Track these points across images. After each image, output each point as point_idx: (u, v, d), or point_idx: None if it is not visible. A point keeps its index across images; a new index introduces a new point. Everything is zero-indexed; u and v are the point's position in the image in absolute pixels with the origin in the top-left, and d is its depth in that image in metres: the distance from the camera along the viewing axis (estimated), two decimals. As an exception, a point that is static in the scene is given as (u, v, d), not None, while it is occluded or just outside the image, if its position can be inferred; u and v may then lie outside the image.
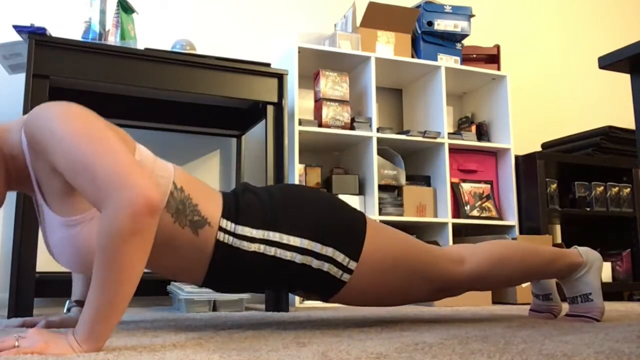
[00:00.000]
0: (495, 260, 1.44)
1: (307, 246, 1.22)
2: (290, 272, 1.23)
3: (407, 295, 1.39)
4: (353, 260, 1.26)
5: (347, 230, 1.27)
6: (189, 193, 1.17)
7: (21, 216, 1.74)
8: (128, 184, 0.91)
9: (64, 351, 0.89)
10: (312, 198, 1.31)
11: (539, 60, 3.60)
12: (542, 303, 1.69)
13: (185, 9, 2.78)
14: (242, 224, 1.20)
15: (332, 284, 1.27)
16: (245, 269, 1.22)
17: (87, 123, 0.98)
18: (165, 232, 1.13)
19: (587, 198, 2.97)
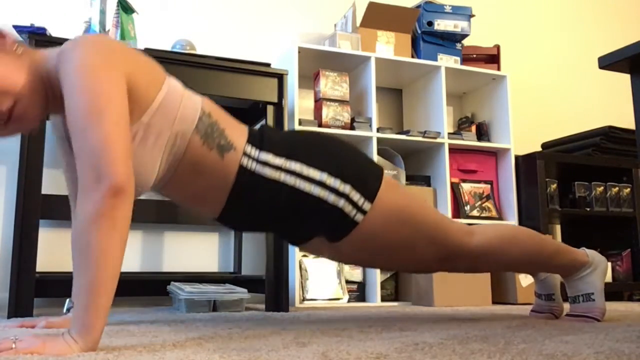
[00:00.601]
0: (505, 239, 1.46)
1: (325, 180, 1.24)
2: (306, 206, 1.25)
3: (411, 257, 1.39)
4: (368, 202, 1.27)
5: (365, 172, 1.30)
6: (216, 119, 1.22)
7: (21, 216, 1.74)
8: (102, 163, 0.96)
9: (61, 350, 0.89)
10: (334, 140, 1.35)
11: (539, 60, 3.60)
12: (544, 303, 1.69)
13: (185, 9, 2.78)
14: (266, 150, 1.24)
15: (344, 223, 1.28)
16: (264, 198, 1.24)
17: (98, 83, 1.01)
18: (194, 155, 1.18)
19: (587, 198, 2.97)
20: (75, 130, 0.99)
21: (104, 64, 1.04)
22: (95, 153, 0.96)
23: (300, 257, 2.49)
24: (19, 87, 1.07)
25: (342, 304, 2.48)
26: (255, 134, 1.27)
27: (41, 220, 1.80)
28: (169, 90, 1.16)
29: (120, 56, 1.08)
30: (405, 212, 1.33)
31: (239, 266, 2.56)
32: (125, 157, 0.99)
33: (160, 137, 1.14)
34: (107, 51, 1.07)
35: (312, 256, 2.52)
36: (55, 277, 2.09)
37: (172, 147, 1.16)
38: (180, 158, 1.18)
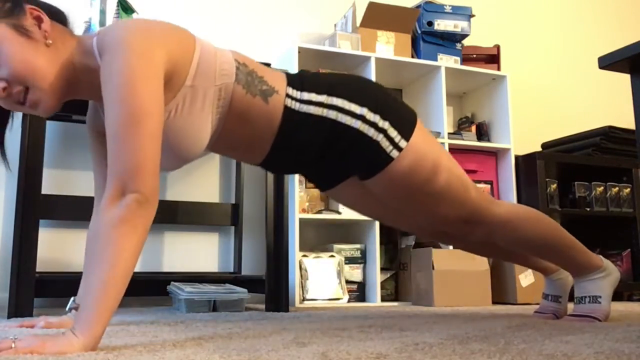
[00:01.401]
0: (526, 216, 1.49)
1: (366, 114, 1.29)
2: (347, 139, 1.30)
3: (435, 210, 1.42)
4: (404, 139, 1.32)
5: (401, 112, 1.35)
6: (252, 68, 1.27)
7: (21, 216, 1.74)
8: (133, 173, 1.00)
9: (62, 349, 0.89)
10: (372, 82, 1.42)
11: (539, 60, 3.60)
12: (549, 304, 1.69)
13: (185, 9, 2.78)
14: (307, 90, 1.30)
15: (380, 158, 1.32)
16: (308, 135, 1.30)
17: (139, 90, 1.04)
18: (240, 104, 1.24)
19: (587, 198, 2.97)
20: (112, 136, 1.03)
21: (145, 67, 1.07)
22: (128, 163, 1.00)
23: (301, 257, 2.49)
24: (35, 76, 1.10)
25: (342, 304, 2.48)
26: (294, 77, 1.33)
27: (41, 220, 1.80)
28: (202, 49, 1.21)
29: (159, 43, 1.11)
30: (435, 159, 1.36)
31: (239, 266, 2.56)
32: (155, 171, 1.03)
33: (206, 95, 1.20)
34: (148, 46, 1.09)
35: (312, 256, 2.52)
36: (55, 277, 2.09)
37: (219, 102, 1.22)
38: (227, 111, 1.24)
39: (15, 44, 1.09)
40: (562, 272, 1.69)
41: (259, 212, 2.68)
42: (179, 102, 1.17)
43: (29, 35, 1.10)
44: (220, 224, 2.60)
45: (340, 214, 2.58)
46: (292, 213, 2.45)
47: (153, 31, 1.13)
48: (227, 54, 1.25)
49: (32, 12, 1.12)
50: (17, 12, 1.11)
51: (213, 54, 1.22)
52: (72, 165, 2.43)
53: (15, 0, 1.12)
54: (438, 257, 2.44)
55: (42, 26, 1.12)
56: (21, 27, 1.10)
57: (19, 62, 1.09)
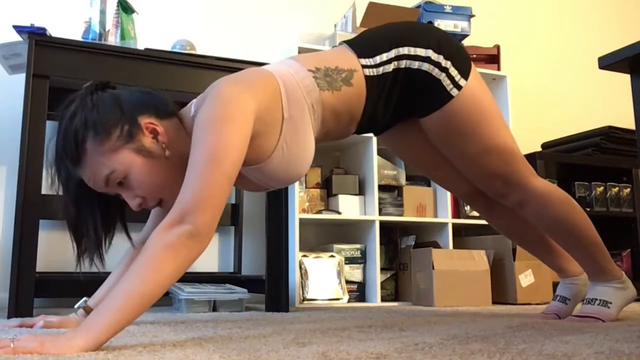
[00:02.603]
0: (564, 198, 1.52)
1: (431, 55, 1.38)
2: (417, 81, 1.38)
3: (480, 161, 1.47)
4: (463, 79, 1.40)
5: (461, 54, 1.43)
6: (324, 65, 1.34)
7: (21, 216, 1.74)
8: (199, 210, 1.03)
9: (61, 350, 0.88)
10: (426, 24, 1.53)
11: (539, 60, 3.60)
12: (555, 304, 1.69)
13: (185, 9, 2.78)
14: (378, 53, 1.38)
15: (442, 95, 1.40)
16: (389, 90, 1.39)
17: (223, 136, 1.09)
18: (332, 104, 1.33)
19: (587, 198, 2.97)
20: (190, 168, 1.07)
21: (232, 111, 1.13)
22: (195, 195, 1.04)
23: (301, 257, 2.49)
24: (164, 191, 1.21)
25: (342, 304, 2.48)
26: (359, 45, 1.40)
27: (41, 220, 1.80)
28: (283, 81, 1.28)
29: (248, 91, 1.19)
30: (488, 106, 1.44)
31: (239, 266, 2.56)
32: (217, 211, 1.06)
33: (304, 117, 1.29)
34: (236, 93, 1.16)
35: (312, 256, 2.52)
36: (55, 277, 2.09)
37: (314, 115, 1.31)
38: (321, 115, 1.33)
39: (142, 168, 1.17)
40: (579, 279, 1.68)
41: (259, 212, 2.68)
42: (286, 137, 1.27)
43: (151, 155, 1.18)
44: (220, 224, 2.59)
45: (340, 214, 2.58)
46: (292, 213, 2.45)
47: (242, 82, 1.22)
48: (299, 69, 1.32)
49: (148, 127, 1.19)
50: (136, 133, 1.16)
51: (291, 78, 1.30)
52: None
53: (131, 120, 1.16)
54: (438, 257, 2.44)
55: (159, 138, 1.20)
56: (143, 149, 1.17)
57: (150, 185, 1.19)
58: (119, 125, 1.15)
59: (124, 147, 1.15)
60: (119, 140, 1.14)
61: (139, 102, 1.21)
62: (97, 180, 1.17)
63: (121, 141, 1.15)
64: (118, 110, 1.16)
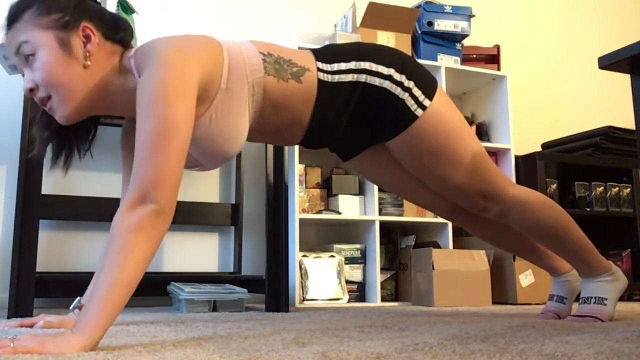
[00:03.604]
0: (542, 203, 1.51)
1: (393, 74, 1.36)
2: (377, 99, 1.37)
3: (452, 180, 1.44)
4: (428, 99, 1.38)
5: (425, 74, 1.42)
6: (278, 54, 1.32)
7: (21, 216, 1.74)
8: (157, 188, 1.03)
9: (61, 349, 0.88)
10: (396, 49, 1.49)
11: (539, 60, 3.60)
12: (553, 304, 1.69)
13: (185, 9, 2.78)
14: (337, 61, 1.36)
15: (405, 116, 1.38)
16: (343, 102, 1.36)
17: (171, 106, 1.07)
18: (274, 93, 1.29)
19: (587, 198, 2.97)
20: (141, 145, 1.06)
21: (179, 82, 1.11)
22: (152, 172, 1.03)
23: (301, 257, 2.49)
24: (58, 90, 1.17)
25: (342, 304, 2.48)
26: (321, 51, 1.39)
27: (41, 220, 1.80)
28: (229, 52, 1.25)
29: (193, 59, 1.16)
30: (456, 122, 1.42)
31: (239, 266, 2.56)
32: (176, 186, 1.06)
33: (241, 94, 1.25)
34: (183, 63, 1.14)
35: (312, 256, 2.52)
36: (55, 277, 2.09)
37: (253, 97, 1.27)
38: (261, 102, 1.29)
39: (52, 55, 1.16)
40: (571, 276, 1.68)
41: (259, 212, 2.68)
42: (217, 107, 1.23)
43: (70, 52, 1.17)
44: (220, 224, 2.60)
45: (340, 214, 2.58)
46: (292, 213, 2.45)
47: (187, 48, 1.18)
48: (250, 48, 1.29)
49: (84, 30, 1.19)
50: (70, 28, 1.17)
51: (239, 53, 1.26)
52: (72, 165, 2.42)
53: (75, 16, 1.18)
54: (438, 257, 2.44)
55: (87, 46, 1.18)
56: (66, 42, 1.17)
57: (49, 73, 1.16)
58: (62, 12, 1.17)
59: (51, 30, 1.16)
60: (53, 23, 1.16)
61: (95, 12, 1.22)
62: (11, 45, 1.18)
63: (54, 24, 1.17)
64: (72, 4, 1.19)
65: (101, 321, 0.93)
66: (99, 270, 0.99)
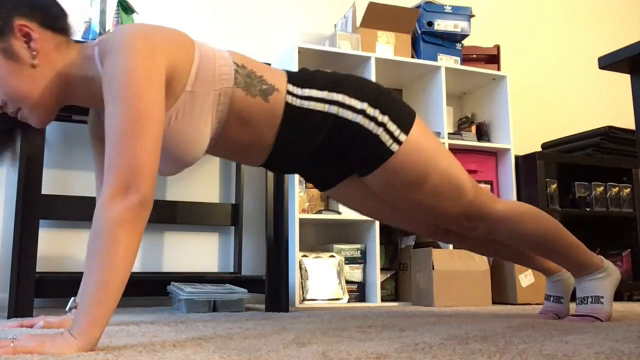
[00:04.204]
0: (528, 214, 1.50)
1: (366, 109, 1.31)
2: (348, 133, 1.31)
3: (436, 207, 1.42)
4: (403, 133, 1.33)
5: (401, 108, 1.37)
6: (251, 68, 1.28)
7: (21, 216, 1.74)
8: (134, 174, 0.99)
9: (60, 349, 0.89)
10: (371, 80, 1.44)
11: (539, 60, 3.60)
12: (551, 305, 1.69)
13: (185, 9, 2.78)
14: (309, 86, 1.31)
15: (380, 152, 1.33)
16: (310, 130, 1.31)
17: (142, 91, 1.04)
18: (240, 106, 1.25)
19: (587, 198, 2.97)
20: (115, 134, 1.02)
21: (148, 69, 1.07)
22: (132, 162, 1.00)
23: (301, 257, 2.49)
24: (19, 98, 1.14)
25: (342, 304, 2.48)
26: (295, 74, 1.35)
27: (41, 220, 1.80)
28: (201, 54, 1.21)
29: (160, 47, 1.12)
30: (435, 154, 1.38)
31: (239, 266, 2.56)
32: (155, 174, 1.03)
33: (206, 100, 1.21)
34: (150, 50, 1.09)
35: (312, 256, 2.52)
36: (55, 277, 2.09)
37: (218, 106, 1.23)
38: (227, 114, 1.25)
39: (2, 69, 1.11)
40: (564, 273, 1.69)
41: (259, 212, 2.68)
42: (179, 108, 1.18)
43: (17, 58, 1.11)
44: (220, 224, 2.60)
45: (340, 214, 2.58)
46: (292, 213, 2.45)
47: (154, 36, 1.13)
48: (225, 57, 1.25)
49: (22, 29, 1.11)
50: (5, 33, 1.11)
51: (212, 58, 1.22)
52: (72, 165, 2.43)
53: (5, 18, 1.10)
54: (438, 257, 2.44)
55: (31, 45, 1.12)
56: (8, 50, 1.11)
57: (7, 89, 1.13)
58: None
59: None
60: None
61: (24, 3, 1.13)
62: None
63: None
64: None
65: (98, 322, 0.93)
66: (89, 267, 0.95)
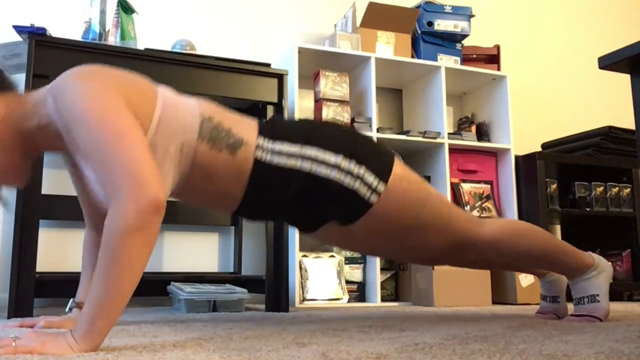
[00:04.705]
0: (514, 232, 1.48)
1: (340, 162, 1.26)
2: (323, 189, 1.26)
3: (423, 244, 1.41)
4: (382, 183, 1.29)
5: (378, 155, 1.32)
6: (219, 120, 1.22)
7: (21, 216, 1.74)
8: (138, 182, 0.95)
9: (62, 350, 0.89)
10: (345, 127, 1.39)
11: (539, 60, 3.60)
12: (549, 305, 1.69)
13: (185, 9, 2.78)
14: (280, 139, 1.25)
15: (359, 205, 1.29)
16: (282, 186, 1.26)
17: (109, 110, 1.01)
18: (204, 160, 1.19)
19: (587, 198, 2.97)
20: (99, 156, 0.98)
21: (104, 87, 1.04)
22: (131, 171, 0.96)
23: (301, 257, 2.49)
24: None
25: (342, 304, 2.48)
26: (266, 125, 1.29)
27: (41, 220, 1.80)
28: (165, 103, 1.16)
29: (113, 82, 1.08)
30: (417, 195, 1.34)
31: (239, 266, 2.56)
32: (158, 174, 0.99)
33: (167, 152, 1.14)
34: (101, 77, 1.07)
35: (312, 256, 2.52)
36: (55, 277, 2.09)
37: (180, 159, 1.17)
38: (189, 166, 1.19)
39: None
40: (555, 273, 1.69)
41: (259, 212, 2.68)
42: None
43: None
44: (220, 224, 2.60)
45: (340, 214, 2.58)
46: (292, 213, 2.44)
47: (104, 74, 1.09)
48: (191, 107, 1.20)
49: None
50: None
51: (175, 108, 1.17)
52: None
53: None
54: (438, 257, 2.44)
55: None
56: None
57: None
58: None
59: None
60: None
61: None
62: None
63: None
64: None
65: (103, 329, 0.93)
66: (98, 275, 0.93)
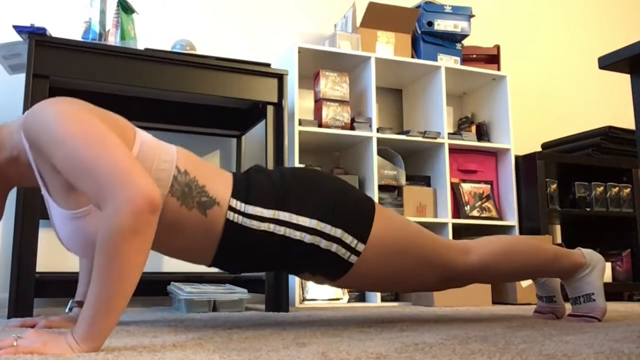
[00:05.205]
0: (501, 253, 1.46)
1: (316, 226, 1.23)
2: (299, 252, 1.24)
3: (414, 283, 1.41)
4: (361, 243, 1.26)
5: (356, 213, 1.28)
6: (194, 175, 1.18)
7: (21, 216, 1.74)
8: (129, 182, 0.93)
9: (63, 351, 0.89)
10: (322, 180, 1.32)
11: (539, 60, 3.60)
12: (546, 305, 1.69)
13: (185, 9, 2.78)
14: (253, 203, 1.21)
15: (339, 265, 1.27)
16: (255, 248, 1.23)
17: (85, 123, 0.99)
18: (171, 216, 1.14)
19: (587, 198, 2.97)
20: (80, 172, 0.95)
21: (78, 108, 1.02)
22: (120, 173, 0.93)
23: (300, 257, 2.49)
24: None
25: (342, 304, 2.48)
26: (240, 184, 1.23)
27: (41, 220, 1.80)
28: (142, 147, 1.12)
29: (88, 107, 1.06)
30: (400, 243, 1.32)
31: (239, 266, 2.55)
32: (148, 174, 0.96)
33: None
34: (76, 102, 1.05)
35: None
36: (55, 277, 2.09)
37: None
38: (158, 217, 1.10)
39: None
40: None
41: (259, 212, 2.67)
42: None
43: None
44: (220, 224, 2.59)
45: (340, 214, 2.58)
46: (292, 213, 2.44)
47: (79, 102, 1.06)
48: (169, 157, 1.16)
49: None
50: None
51: (152, 155, 1.13)
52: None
53: None
54: (438, 257, 2.43)
55: None
56: None
57: None
58: None
59: None
60: None
61: None
62: None
63: None
64: None
65: (103, 333, 0.92)
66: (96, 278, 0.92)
